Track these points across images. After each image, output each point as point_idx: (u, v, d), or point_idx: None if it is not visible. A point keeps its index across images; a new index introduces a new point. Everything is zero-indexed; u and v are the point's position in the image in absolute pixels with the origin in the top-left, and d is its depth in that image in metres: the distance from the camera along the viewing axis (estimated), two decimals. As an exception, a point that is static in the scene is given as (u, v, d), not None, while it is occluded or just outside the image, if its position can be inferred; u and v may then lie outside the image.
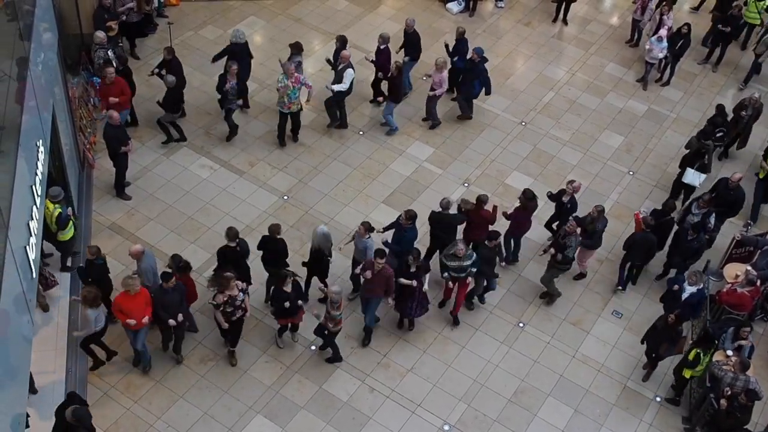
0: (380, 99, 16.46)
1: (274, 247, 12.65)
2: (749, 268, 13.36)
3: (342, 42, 16.27)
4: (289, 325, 12.61)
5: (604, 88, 18.54)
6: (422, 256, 12.96)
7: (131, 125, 15.77)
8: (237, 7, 19.45)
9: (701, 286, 12.83)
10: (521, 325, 13.68)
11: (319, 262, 12.84)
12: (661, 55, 18.14)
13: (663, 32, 17.95)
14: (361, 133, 16.54)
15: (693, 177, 15.46)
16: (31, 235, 9.57)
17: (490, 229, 13.21)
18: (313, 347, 12.87)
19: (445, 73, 16.25)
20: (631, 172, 16.49)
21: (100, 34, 15.23)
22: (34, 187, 10.08)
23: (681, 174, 15.68)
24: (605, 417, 12.55)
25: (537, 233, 14.60)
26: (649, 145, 17.24)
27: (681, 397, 12.85)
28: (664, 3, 18.72)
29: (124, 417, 11.75)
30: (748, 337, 12.40)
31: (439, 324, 13.45)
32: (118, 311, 11.49)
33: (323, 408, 12.24)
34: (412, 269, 12.36)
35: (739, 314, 13.23)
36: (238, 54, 15.78)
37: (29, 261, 9.41)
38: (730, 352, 12.29)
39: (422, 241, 13.76)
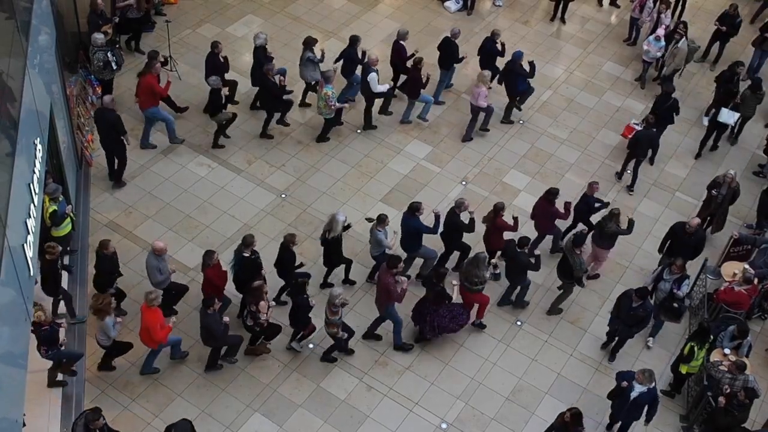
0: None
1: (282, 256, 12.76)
2: (747, 266, 13.38)
3: (352, 43, 16.33)
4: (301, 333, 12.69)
5: (602, 87, 18.54)
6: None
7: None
8: (235, 5, 19.43)
9: (652, 385, 11.20)
10: (519, 323, 13.69)
11: (333, 249, 12.94)
12: (658, 55, 18.15)
13: (660, 31, 17.96)
14: (358, 131, 16.54)
15: (728, 116, 16.33)
16: (28, 233, 9.57)
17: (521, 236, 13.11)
18: (311, 345, 12.87)
19: (484, 90, 15.92)
20: (628, 171, 16.47)
21: (100, 37, 15.22)
22: (31, 185, 10.07)
23: (715, 114, 16.68)
24: (603, 415, 12.55)
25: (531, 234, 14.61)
26: (647, 144, 17.24)
27: (679, 393, 12.88)
28: (661, 2, 18.75)
29: (122, 415, 11.74)
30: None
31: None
32: (144, 330, 11.59)
33: (321, 406, 12.24)
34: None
35: (736, 312, 13.25)
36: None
37: (27, 259, 9.40)
38: (727, 351, 12.32)
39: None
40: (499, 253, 13.28)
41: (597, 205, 14.19)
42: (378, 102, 16.59)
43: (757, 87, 16.66)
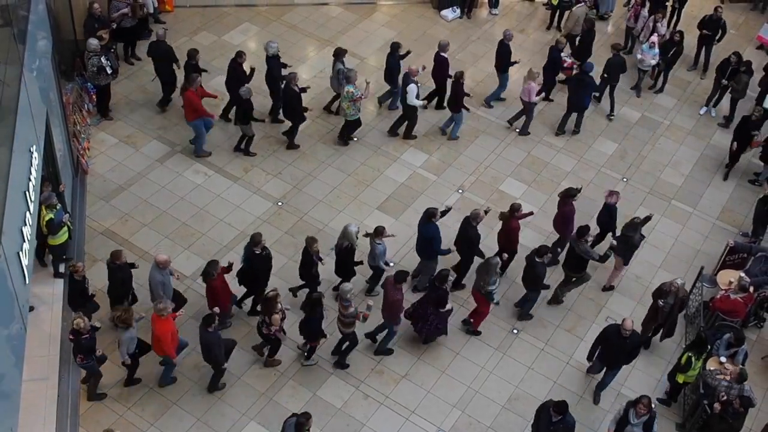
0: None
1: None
2: (742, 274, 13.39)
3: (394, 50, 16.56)
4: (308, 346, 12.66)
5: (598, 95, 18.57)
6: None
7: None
8: (232, 13, 19.46)
9: None
10: (515, 331, 13.68)
11: (345, 259, 12.99)
12: (653, 62, 18.20)
13: (654, 39, 18.02)
14: (355, 139, 16.54)
15: None
16: (24, 241, 9.55)
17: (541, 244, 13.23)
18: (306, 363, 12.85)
19: (533, 85, 16.44)
20: (624, 179, 16.53)
21: (94, 42, 15.24)
22: (27, 193, 10.06)
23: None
24: (599, 423, 12.54)
25: (529, 240, 14.62)
26: (643, 152, 17.29)
27: (675, 402, 12.88)
28: (658, 11, 18.82)
29: (117, 423, 11.69)
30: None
31: (433, 330, 13.44)
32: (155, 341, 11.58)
33: (317, 414, 12.18)
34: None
35: (732, 321, 13.25)
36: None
37: (22, 266, 9.38)
38: (723, 359, 12.32)
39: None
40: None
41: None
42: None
43: (750, 72, 17.53)
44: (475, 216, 13.27)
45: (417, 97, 15.92)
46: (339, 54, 16.15)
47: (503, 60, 17.34)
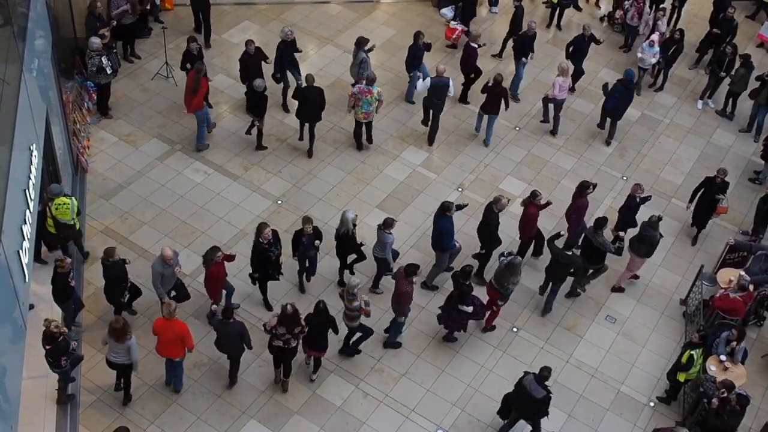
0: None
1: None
2: (742, 273, 13.40)
3: (416, 39, 16.67)
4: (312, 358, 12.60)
5: (598, 94, 18.50)
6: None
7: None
8: (231, 11, 19.44)
9: None
10: (515, 330, 13.69)
11: (347, 244, 13.17)
12: (653, 61, 18.19)
13: (655, 37, 18.01)
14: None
15: None
16: (24, 239, 9.56)
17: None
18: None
19: (564, 79, 16.54)
20: (624, 177, 16.53)
21: (96, 41, 15.22)
22: (27, 191, 10.06)
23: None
24: (599, 422, 12.55)
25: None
26: (643, 150, 17.29)
27: (675, 400, 12.89)
28: (657, 9, 18.81)
29: (117, 421, 11.69)
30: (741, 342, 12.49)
31: (432, 329, 13.44)
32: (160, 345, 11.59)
33: (317, 413, 12.21)
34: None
35: (732, 319, 13.26)
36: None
37: (22, 265, 9.39)
38: (723, 357, 12.34)
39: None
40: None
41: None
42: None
43: (749, 65, 17.56)
44: (496, 201, 13.42)
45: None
46: (360, 43, 16.21)
47: (521, 51, 17.61)
